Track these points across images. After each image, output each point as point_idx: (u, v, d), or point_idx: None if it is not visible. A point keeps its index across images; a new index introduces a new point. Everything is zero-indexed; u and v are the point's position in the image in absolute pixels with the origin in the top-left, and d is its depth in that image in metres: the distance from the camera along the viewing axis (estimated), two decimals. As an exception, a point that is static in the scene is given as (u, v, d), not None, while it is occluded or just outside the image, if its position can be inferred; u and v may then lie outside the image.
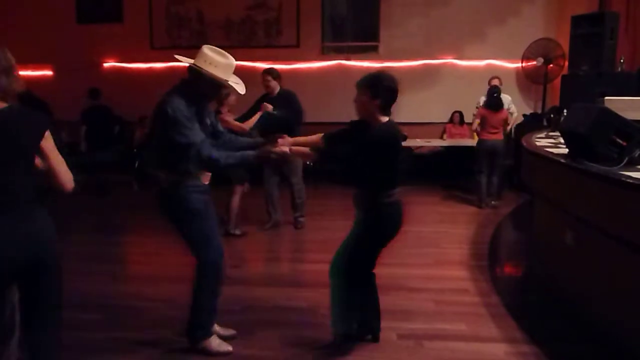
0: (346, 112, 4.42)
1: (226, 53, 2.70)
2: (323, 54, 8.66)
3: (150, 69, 8.95)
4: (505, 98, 6.88)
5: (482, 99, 6.78)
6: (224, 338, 2.97)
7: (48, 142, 2.01)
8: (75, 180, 2.11)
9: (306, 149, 2.86)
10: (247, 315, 3.38)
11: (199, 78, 2.66)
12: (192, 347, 2.88)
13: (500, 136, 6.45)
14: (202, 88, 2.70)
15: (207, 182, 2.84)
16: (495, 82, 6.85)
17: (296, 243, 5.25)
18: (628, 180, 2.63)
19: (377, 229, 2.72)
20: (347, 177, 2.75)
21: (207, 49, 2.67)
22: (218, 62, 2.65)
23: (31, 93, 3.86)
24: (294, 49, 8.55)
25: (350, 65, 8.42)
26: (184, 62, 2.71)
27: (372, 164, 2.59)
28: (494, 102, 6.44)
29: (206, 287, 2.83)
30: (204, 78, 2.64)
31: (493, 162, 6.48)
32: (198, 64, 2.63)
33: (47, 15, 8.86)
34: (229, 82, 2.71)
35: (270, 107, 5.00)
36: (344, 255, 2.80)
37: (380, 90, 2.60)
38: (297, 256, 4.96)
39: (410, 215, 6.03)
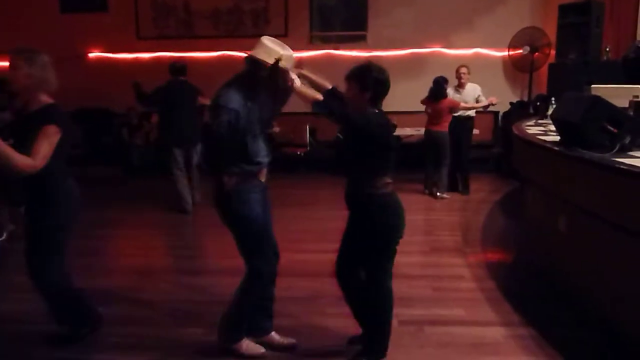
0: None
1: (284, 44, 2.60)
2: (311, 44, 8.64)
3: (136, 59, 8.84)
4: (474, 88, 6.60)
5: (450, 90, 6.49)
6: (282, 347, 2.88)
7: None
8: None
9: (311, 95, 2.57)
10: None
11: (260, 69, 2.52)
12: (221, 346, 2.82)
13: (441, 127, 6.28)
14: (263, 79, 2.56)
15: (263, 180, 2.75)
16: (463, 70, 6.58)
17: (291, 233, 5.27)
18: (621, 167, 2.71)
19: (379, 223, 2.55)
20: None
21: (266, 40, 2.56)
22: (278, 53, 2.53)
23: None
24: (282, 39, 8.12)
25: (339, 55, 8.44)
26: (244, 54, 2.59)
27: (365, 149, 2.48)
28: (431, 91, 6.27)
29: (251, 295, 2.75)
30: (265, 69, 2.51)
31: (437, 154, 6.33)
32: (259, 56, 2.52)
33: (29, 5, 8.67)
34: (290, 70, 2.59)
35: None
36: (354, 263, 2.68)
37: (370, 82, 2.49)
38: (293, 246, 4.96)
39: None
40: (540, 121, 5.18)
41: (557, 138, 3.63)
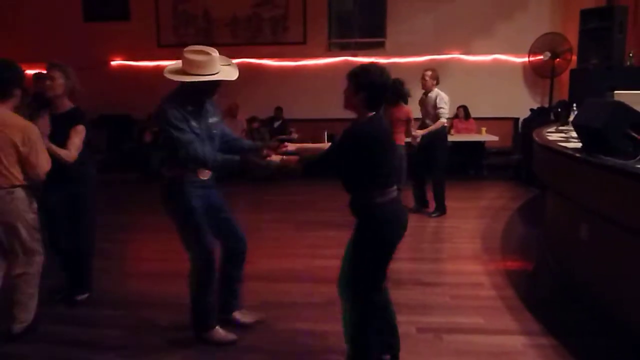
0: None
1: (206, 48, 2.72)
2: (329, 51, 8.70)
3: (157, 67, 8.97)
4: (437, 95, 5.53)
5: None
6: (245, 325, 3.12)
7: None
8: None
9: (295, 160, 2.70)
10: (265, 310, 3.39)
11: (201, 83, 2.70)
12: (198, 338, 2.98)
13: (397, 137, 5.31)
14: (199, 88, 2.75)
15: (205, 178, 2.91)
16: (427, 73, 5.52)
17: (309, 239, 5.27)
18: (645, 174, 2.66)
19: (373, 236, 2.46)
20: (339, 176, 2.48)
21: (188, 53, 2.69)
22: (200, 61, 2.67)
23: None
24: (301, 46, 8.58)
25: (357, 62, 8.39)
26: (175, 79, 2.70)
27: (352, 162, 2.38)
28: (391, 94, 5.24)
29: (199, 283, 2.92)
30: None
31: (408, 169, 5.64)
32: (189, 72, 2.67)
33: (53, 14, 8.91)
34: (220, 75, 2.73)
35: None
36: (347, 273, 2.57)
37: (364, 84, 2.38)
38: (312, 252, 4.96)
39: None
40: (561, 127, 5.11)
41: (579, 145, 3.57)
